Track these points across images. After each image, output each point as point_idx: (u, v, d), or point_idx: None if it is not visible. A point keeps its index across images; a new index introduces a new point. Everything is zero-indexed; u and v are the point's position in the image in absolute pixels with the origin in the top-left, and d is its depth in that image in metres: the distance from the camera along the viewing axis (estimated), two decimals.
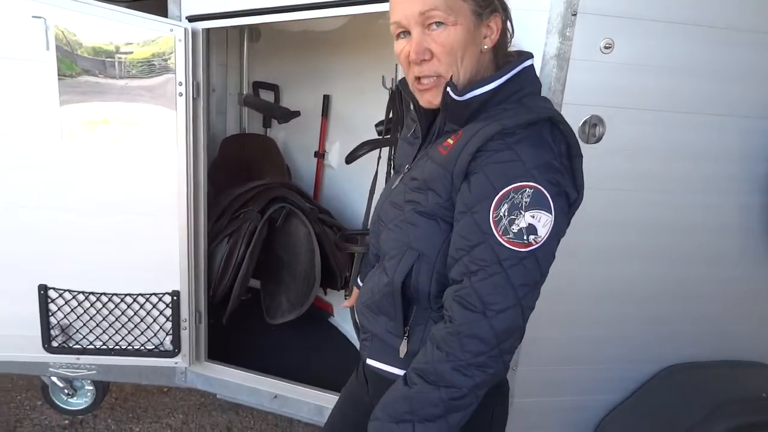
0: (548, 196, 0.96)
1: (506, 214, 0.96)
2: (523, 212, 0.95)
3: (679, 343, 1.92)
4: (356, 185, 2.80)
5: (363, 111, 2.64)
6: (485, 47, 1.07)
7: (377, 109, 2.31)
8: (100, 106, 1.84)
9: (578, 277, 1.76)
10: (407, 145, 1.25)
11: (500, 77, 1.04)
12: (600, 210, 1.69)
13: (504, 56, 1.09)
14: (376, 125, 2.22)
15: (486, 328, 0.97)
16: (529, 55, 1.06)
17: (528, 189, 0.96)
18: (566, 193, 1.01)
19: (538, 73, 1.55)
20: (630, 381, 1.92)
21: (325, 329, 2.95)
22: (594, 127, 1.61)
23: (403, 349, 1.14)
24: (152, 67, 1.80)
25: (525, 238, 0.96)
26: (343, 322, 2.91)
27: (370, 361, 1.21)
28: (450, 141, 1.07)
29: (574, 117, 1.60)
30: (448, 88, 1.05)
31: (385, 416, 1.05)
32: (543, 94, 1.54)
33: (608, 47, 1.55)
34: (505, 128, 0.98)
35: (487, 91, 1.04)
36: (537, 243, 0.97)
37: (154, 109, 1.85)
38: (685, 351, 1.92)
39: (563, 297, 1.79)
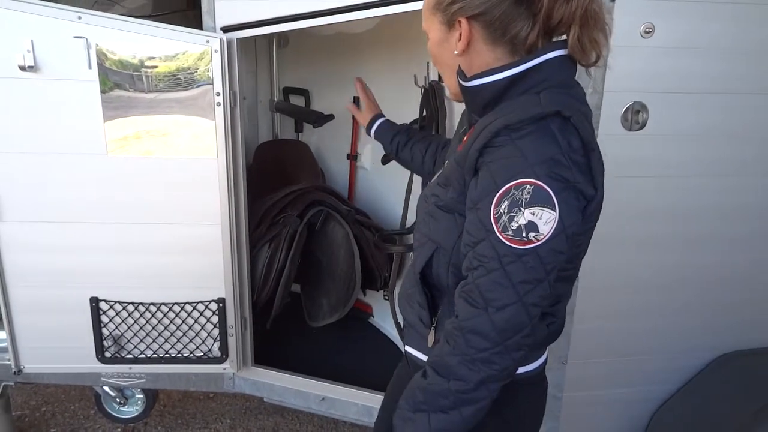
0: (551, 192, 0.94)
1: (506, 211, 0.95)
2: (522, 209, 0.94)
3: (733, 330, 1.88)
4: (390, 185, 2.80)
5: (395, 110, 2.63)
6: (456, 52, 1.07)
7: (409, 108, 2.31)
8: (140, 120, 1.88)
9: (627, 267, 1.74)
10: (456, 140, 1.27)
11: (512, 67, 1.02)
12: (647, 198, 1.67)
13: (529, 48, 1.04)
14: (410, 123, 2.22)
15: (487, 325, 0.98)
16: (558, 46, 1.02)
17: (528, 185, 0.94)
18: (579, 189, 0.97)
19: None
20: (684, 371, 1.89)
21: (365, 330, 2.96)
22: (637, 113, 1.59)
23: (431, 339, 1.17)
24: (189, 78, 1.83)
25: (524, 235, 0.94)
26: (383, 322, 2.92)
27: (408, 348, 1.28)
28: (466, 137, 1.09)
29: (615, 104, 1.58)
30: (458, 76, 1.09)
31: (405, 405, 1.10)
32: (582, 82, 1.53)
33: (648, 31, 1.52)
34: (509, 123, 0.98)
35: (498, 80, 1.03)
36: (539, 240, 0.95)
37: (193, 119, 1.88)
38: (740, 338, 1.88)
39: (611, 288, 1.77)
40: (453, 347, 1.02)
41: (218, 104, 1.86)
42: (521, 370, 1.16)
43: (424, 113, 2.18)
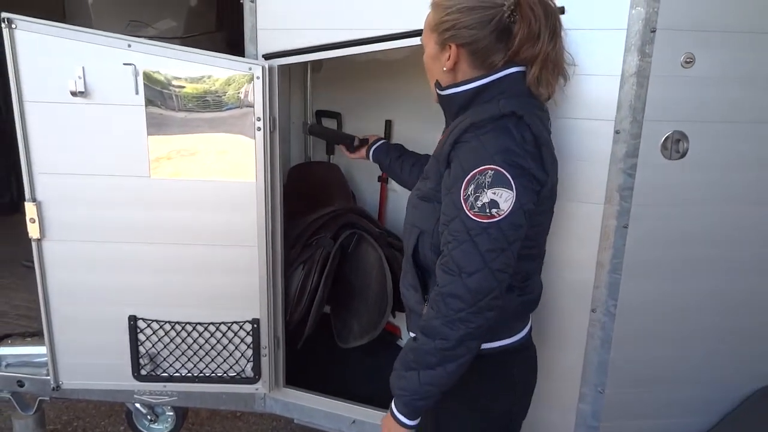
0: (508, 176, 1.15)
1: (473, 192, 1.16)
2: (485, 190, 1.15)
3: None
4: None
5: (426, 134, 2.65)
6: (444, 68, 1.30)
7: (440, 131, 2.33)
8: (182, 143, 1.93)
9: (666, 293, 1.72)
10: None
11: (478, 80, 1.27)
12: (689, 224, 1.66)
13: (491, 66, 1.27)
14: None
15: (462, 288, 1.18)
16: (516, 65, 1.26)
17: (490, 171, 1.15)
18: (532, 174, 1.19)
19: (616, 92, 1.56)
20: (724, 402, 1.85)
21: (393, 352, 2.93)
22: (677, 142, 1.59)
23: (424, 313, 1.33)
24: (231, 102, 1.88)
25: (488, 211, 1.15)
26: None
27: (412, 333, 1.43)
28: (442, 137, 1.32)
29: (655, 134, 1.58)
30: (435, 86, 1.35)
31: (398, 366, 1.31)
32: (622, 111, 1.55)
33: (689, 62, 1.53)
34: (474, 123, 1.20)
35: (466, 90, 1.27)
36: (500, 215, 1.15)
37: (234, 143, 1.93)
38: None
39: (650, 315, 1.74)
40: (436, 311, 1.21)
41: (258, 129, 1.90)
42: (508, 341, 1.38)
43: None
